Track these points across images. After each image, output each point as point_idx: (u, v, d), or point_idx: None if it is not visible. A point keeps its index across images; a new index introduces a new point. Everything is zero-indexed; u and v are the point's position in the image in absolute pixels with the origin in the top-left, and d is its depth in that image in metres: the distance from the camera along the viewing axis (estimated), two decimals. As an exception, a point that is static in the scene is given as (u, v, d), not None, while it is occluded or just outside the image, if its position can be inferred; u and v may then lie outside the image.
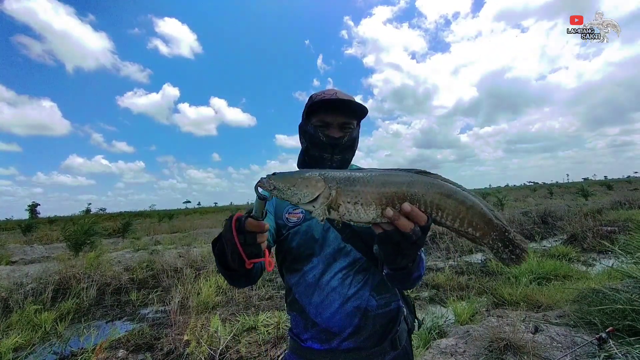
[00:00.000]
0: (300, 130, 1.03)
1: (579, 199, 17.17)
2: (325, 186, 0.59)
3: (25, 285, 5.13)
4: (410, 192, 0.58)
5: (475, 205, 0.60)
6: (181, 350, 2.97)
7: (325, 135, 0.94)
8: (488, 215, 0.60)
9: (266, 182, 0.61)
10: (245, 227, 0.61)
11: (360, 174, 0.61)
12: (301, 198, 0.59)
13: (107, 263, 6.42)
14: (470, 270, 5.31)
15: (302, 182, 0.60)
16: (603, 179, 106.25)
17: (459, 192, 0.60)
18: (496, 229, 0.60)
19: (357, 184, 0.59)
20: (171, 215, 30.59)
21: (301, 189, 0.59)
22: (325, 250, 0.92)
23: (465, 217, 0.59)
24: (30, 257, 8.94)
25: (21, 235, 16.09)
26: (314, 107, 0.95)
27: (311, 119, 0.98)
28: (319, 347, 0.90)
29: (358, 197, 0.58)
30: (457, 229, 0.60)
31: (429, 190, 0.58)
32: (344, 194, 0.58)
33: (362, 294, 0.89)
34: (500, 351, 2.42)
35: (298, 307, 0.94)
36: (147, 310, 4.54)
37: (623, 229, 7.33)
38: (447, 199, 0.59)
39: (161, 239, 12.03)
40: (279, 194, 0.61)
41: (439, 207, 0.59)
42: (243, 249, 0.61)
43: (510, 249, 0.61)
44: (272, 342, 3.01)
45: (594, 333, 2.44)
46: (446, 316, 3.48)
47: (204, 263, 6.54)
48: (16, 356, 3.06)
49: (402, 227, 0.56)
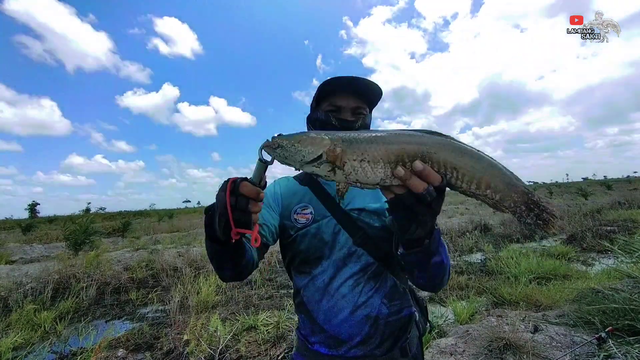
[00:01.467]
0: (309, 120, 0.98)
1: (579, 198, 17.20)
2: (330, 143, 0.56)
3: (25, 284, 5.13)
4: (421, 150, 0.53)
5: (492, 164, 0.55)
6: (181, 349, 2.97)
7: (338, 119, 0.89)
8: (508, 176, 0.55)
9: (271, 142, 0.58)
10: (239, 189, 0.56)
11: (368, 133, 0.58)
12: (305, 155, 0.56)
13: (106, 262, 6.42)
14: (470, 270, 5.31)
15: (307, 139, 0.57)
16: (603, 179, 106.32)
17: (474, 152, 0.55)
18: (517, 190, 0.55)
19: (363, 142, 0.55)
20: (171, 214, 30.58)
21: (305, 146, 0.56)
22: (336, 253, 0.88)
23: (482, 178, 0.54)
24: (29, 256, 8.94)
25: (21, 234, 16.09)
26: (326, 90, 0.90)
27: (321, 105, 0.93)
28: (327, 352, 0.87)
29: (365, 155, 0.54)
30: (474, 192, 0.55)
31: (442, 149, 0.54)
32: (350, 152, 0.55)
33: (372, 302, 0.86)
34: (499, 351, 2.42)
35: (306, 310, 0.91)
36: (147, 309, 4.53)
37: (623, 229, 7.35)
38: (461, 158, 0.54)
39: (161, 238, 12.03)
40: (282, 151, 0.58)
41: (454, 167, 0.54)
42: (232, 213, 0.56)
43: (535, 213, 0.55)
44: (272, 342, 3.01)
45: (593, 333, 2.44)
46: (446, 316, 3.48)
47: (204, 262, 6.54)
48: (15, 355, 3.06)
49: (414, 188, 0.51)
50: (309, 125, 0.98)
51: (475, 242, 7.43)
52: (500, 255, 5.87)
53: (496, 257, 5.70)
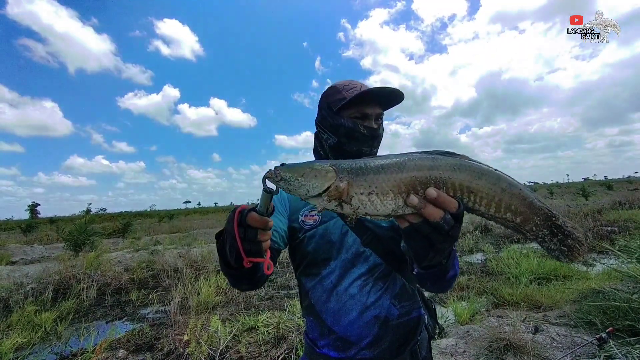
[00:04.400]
0: (326, 124, 0.93)
1: (579, 199, 17.17)
2: (335, 177, 0.52)
3: (26, 285, 5.13)
4: (433, 176, 0.50)
5: (512, 185, 0.51)
6: (181, 350, 2.97)
7: (366, 127, 0.88)
8: (529, 197, 0.51)
9: (274, 173, 0.56)
10: (247, 221, 0.57)
11: (374, 161, 0.54)
12: (309, 190, 0.53)
13: (107, 263, 6.43)
14: (471, 270, 5.31)
15: (311, 172, 0.54)
16: (603, 179, 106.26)
17: (491, 172, 0.52)
18: (540, 213, 0.52)
19: (370, 172, 0.52)
20: (171, 215, 30.61)
21: (309, 180, 0.54)
22: (343, 254, 0.88)
23: (502, 201, 0.51)
24: (30, 257, 8.94)
25: (21, 235, 16.11)
26: (355, 100, 0.87)
27: (345, 111, 0.91)
28: (335, 354, 0.86)
29: (373, 187, 0.51)
30: (494, 215, 0.52)
31: (457, 171, 0.51)
32: (356, 184, 0.51)
33: (381, 303, 0.85)
34: (500, 351, 2.42)
35: (314, 312, 0.90)
36: (147, 310, 4.54)
37: (623, 229, 7.33)
38: (478, 181, 0.51)
39: (161, 239, 12.04)
40: (285, 185, 0.56)
41: (470, 190, 0.51)
42: (242, 244, 0.57)
43: (559, 238, 0.52)
44: (272, 343, 3.01)
45: (594, 333, 2.44)
46: (446, 316, 3.48)
47: (204, 263, 6.54)
48: (16, 356, 3.06)
49: (430, 217, 0.48)
50: (325, 128, 0.95)
51: (476, 242, 7.43)
52: (500, 255, 5.87)
53: (497, 258, 5.70)
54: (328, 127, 0.93)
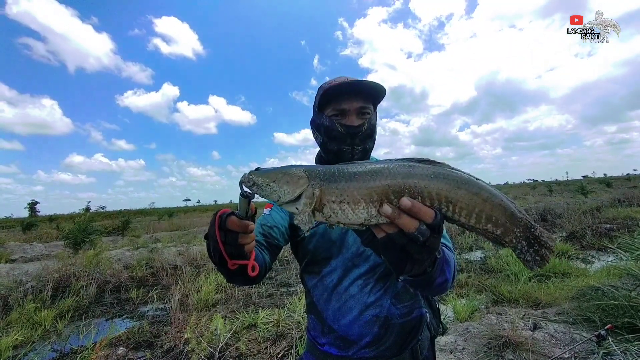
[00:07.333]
0: (313, 125, 0.94)
1: (579, 196, 17.18)
2: (307, 183, 0.51)
3: (25, 283, 5.13)
4: (408, 184, 0.48)
5: (493, 196, 0.50)
6: (181, 347, 2.98)
7: (342, 125, 0.84)
8: (510, 209, 0.51)
9: (247, 178, 0.55)
10: (226, 225, 0.57)
11: (349, 167, 0.52)
12: (281, 196, 0.52)
13: (106, 261, 6.43)
14: (470, 268, 5.32)
15: (283, 178, 0.53)
16: (602, 177, 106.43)
17: (472, 182, 0.50)
18: (520, 224, 0.51)
19: (342, 180, 0.50)
20: (171, 213, 30.61)
21: (281, 186, 0.52)
22: (344, 253, 0.88)
23: (482, 212, 0.49)
24: (29, 255, 8.94)
25: (21, 233, 16.10)
26: (327, 96, 0.86)
27: (325, 110, 0.89)
28: (337, 352, 0.87)
29: (344, 195, 0.49)
30: (474, 226, 0.50)
31: (433, 181, 0.49)
32: (328, 192, 0.50)
33: (382, 302, 0.85)
34: (499, 348, 2.43)
35: (315, 310, 0.91)
36: (147, 308, 4.54)
37: (622, 227, 7.35)
38: (457, 190, 0.49)
39: (161, 236, 12.05)
40: (258, 190, 0.54)
41: (449, 200, 0.49)
42: (224, 247, 0.57)
43: (535, 249, 0.52)
44: (272, 340, 3.02)
45: (592, 330, 2.45)
46: (445, 313, 3.49)
47: (204, 261, 6.55)
48: (16, 354, 3.07)
49: (404, 227, 0.46)
50: (314, 128, 0.94)
51: (475, 239, 7.44)
52: (500, 253, 5.88)
53: (496, 255, 5.71)
54: (315, 126, 0.93)
